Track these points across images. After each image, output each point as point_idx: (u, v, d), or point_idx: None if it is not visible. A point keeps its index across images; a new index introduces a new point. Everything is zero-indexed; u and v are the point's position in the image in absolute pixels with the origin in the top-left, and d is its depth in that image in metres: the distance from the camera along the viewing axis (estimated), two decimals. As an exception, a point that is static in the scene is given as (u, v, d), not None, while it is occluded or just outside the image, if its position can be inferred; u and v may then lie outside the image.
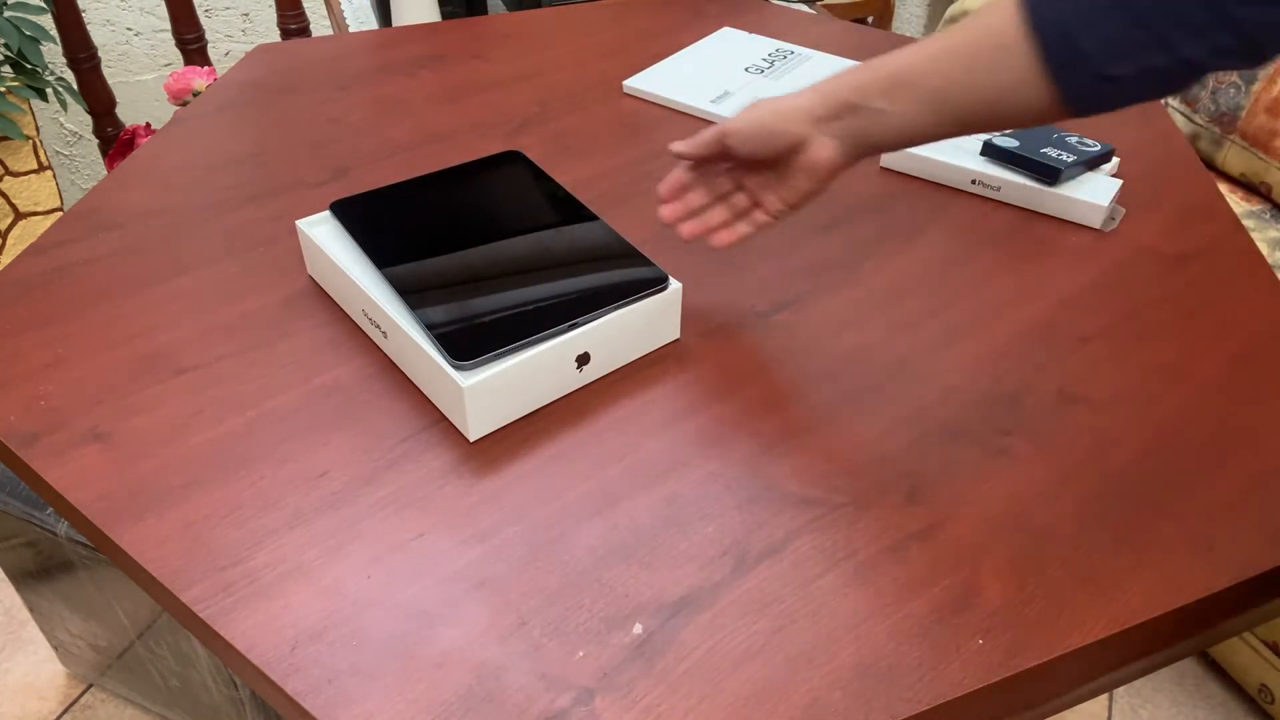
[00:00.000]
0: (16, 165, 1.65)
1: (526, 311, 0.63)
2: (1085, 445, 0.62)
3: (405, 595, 0.52)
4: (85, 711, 1.26)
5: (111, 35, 1.93)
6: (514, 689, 0.47)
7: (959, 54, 0.55)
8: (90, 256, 0.77)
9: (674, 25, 1.20)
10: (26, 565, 1.08)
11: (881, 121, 0.58)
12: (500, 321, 0.62)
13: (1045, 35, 0.49)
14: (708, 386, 0.66)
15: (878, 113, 0.58)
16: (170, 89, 1.52)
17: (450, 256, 0.68)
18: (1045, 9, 0.50)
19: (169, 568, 0.53)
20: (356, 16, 1.60)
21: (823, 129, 0.60)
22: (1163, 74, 0.47)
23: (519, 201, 0.74)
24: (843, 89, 0.59)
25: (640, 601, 0.52)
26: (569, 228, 0.71)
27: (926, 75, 0.56)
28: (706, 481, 0.59)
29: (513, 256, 0.68)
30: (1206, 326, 0.72)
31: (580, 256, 0.69)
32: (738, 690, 0.48)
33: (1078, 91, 0.50)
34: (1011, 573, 0.53)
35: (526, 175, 0.77)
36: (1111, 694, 1.34)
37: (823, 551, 0.54)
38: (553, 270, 0.67)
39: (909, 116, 0.57)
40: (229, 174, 0.88)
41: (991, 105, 0.54)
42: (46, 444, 0.60)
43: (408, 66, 1.09)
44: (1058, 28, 0.49)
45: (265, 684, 0.48)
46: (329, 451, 0.60)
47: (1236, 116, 1.54)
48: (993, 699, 0.49)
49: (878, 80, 0.58)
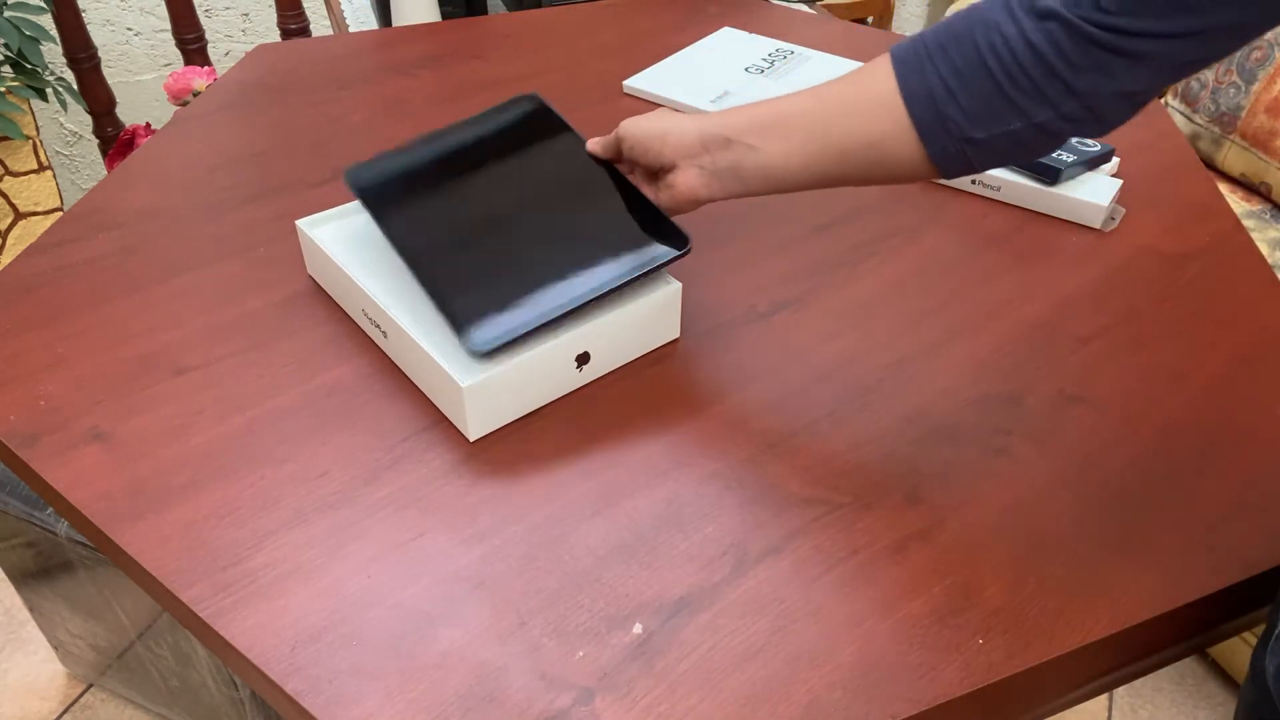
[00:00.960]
0: (16, 165, 1.65)
1: (544, 284, 0.63)
2: (1085, 445, 0.62)
3: (405, 595, 0.52)
4: (85, 711, 1.26)
5: (111, 35, 1.93)
6: (514, 689, 0.47)
7: (834, 100, 0.56)
8: (90, 256, 0.77)
9: (674, 25, 1.20)
10: (26, 565, 1.08)
11: (751, 159, 0.59)
12: (518, 297, 0.62)
13: (912, 101, 0.52)
14: (708, 386, 0.66)
15: (748, 149, 0.59)
16: (170, 89, 1.52)
17: (467, 223, 0.67)
18: (913, 79, 0.52)
19: (169, 568, 0.53)
20: (356, 16, 1.60)
21: (696, 159, 0.61)
22: (1018, 137, 0.50)
23: (536, 157, 0.72)
24: (721, 124, 0.60)
25: (640, 601, 0.52)
26: (585, 184, 0.69)
27: (800, 116, 0.57)
28: (706, 481, 0.59)
29: (531, 221, 0.67)
30: (1206, 326, 0.72)
31: (599, 221, 0.67)
32: (738, 690, 0.48)
33: (942, 151, 0.52)
34: (1011, 573, 0.53)
35: (543, 123, 0.74)
36: (1111, 694, 1.34)
37: (823, 551, 0.54)
38: (570, 239, 0.66)
39: (778, 156, 0.58)
40: (229, 174, 0.88)
41: (862, 153, 0.55)
42: (46, 444, 0.60)
43: (408, 66, 1.09)
44: (924, 94, 0.52)
45: (265, 684, 0.48)
46: (329, 451, 0.60)
47: (1236, 116, 1.54)
48: (993, 699, 0.49)
49: (753, 118, 0.59)
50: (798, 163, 0.58)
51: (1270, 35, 1.51)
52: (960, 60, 0.50)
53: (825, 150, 0.56)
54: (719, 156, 0.60)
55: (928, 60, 0.52)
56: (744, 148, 0.59)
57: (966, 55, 0.50)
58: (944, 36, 0.51)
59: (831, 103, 0.56)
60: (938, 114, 0.51)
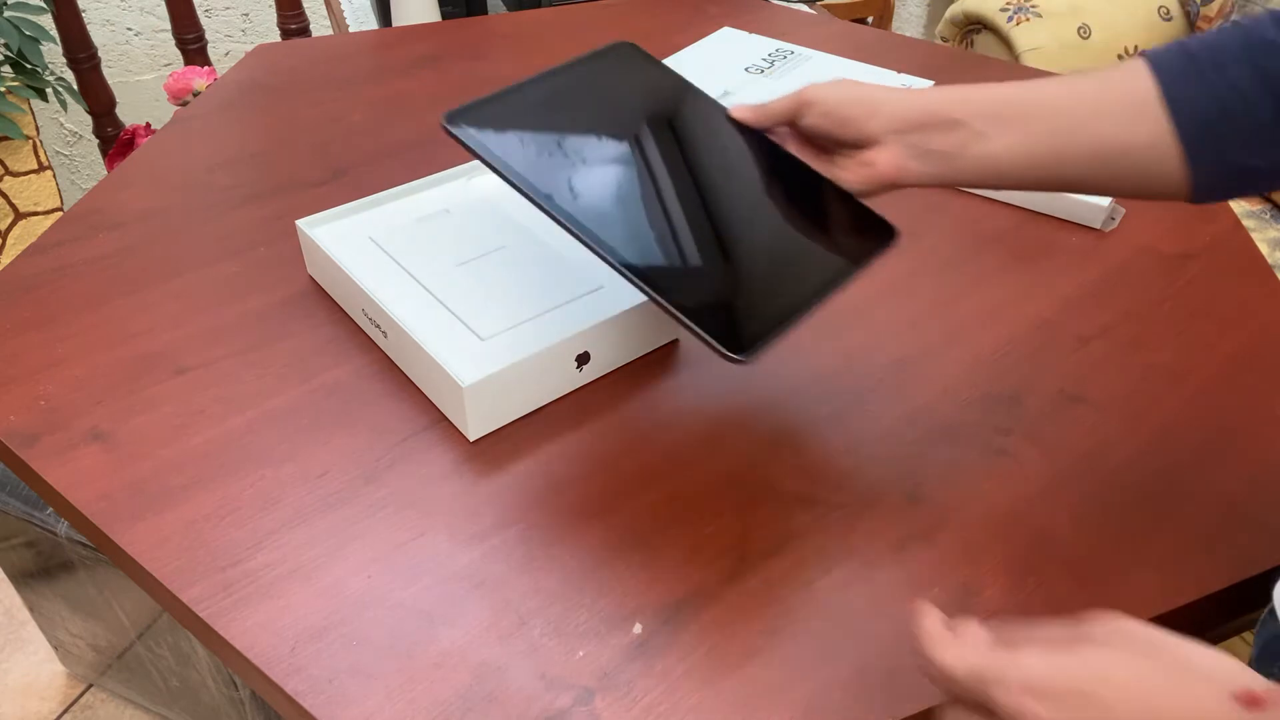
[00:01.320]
0: (16, 165, 1.65)
1: (778, 279, 0.54)
2: (1085, 445, 0.62)
3: (405, 595, 0.52)
4: (85, 711, 1.26)
5: (111, 35, 1.93)
6: (514, 689, 0.47)
7: (1086, 97, 0.51)
8: (90, 256, 0.77)
9: (674, 25, 1.20)
10: (26, 565, 1.08)
11: (978, 147, 0.52)
12: (756, 295, 0.54)
13: (1180, 115, 0.48)
14: (707, 386, 0.66)
15: (977, 136, 0.52)
16: (170, 89, 1.52)
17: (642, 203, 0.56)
18: (1182, 90, 0.48)
19: (169, 568, 0.53)
20: (356, 16, 1.60)
21: (907, 136, 0.54)
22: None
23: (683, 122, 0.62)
24: (946, 102, 0.53)
25: (640, 601, 0.52)
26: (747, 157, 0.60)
27: (1046, 107, 0.51)
28: (706, 481, 0.59)
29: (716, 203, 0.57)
30: (1206, 326, 0.72)
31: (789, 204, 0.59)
32: (738, 690, 0.48)
33: (1209, 173, 0.48)
34: (1011, 573, 0.53)
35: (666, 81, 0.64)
36: (1111, 694, 1.34)
37: (823, 551, 0.54)
38: (765, 224, 0.58)
39: (1012, 148, 0.52)
40: (229, 174, 0.88)
41: (1111, 160, 0.50)
42: (46, 444, 0.60)
43: (408, 66, 1.09)
44: (1195, 110, 0.47)
45: (265, 684, 0.48)
46: (329, 451, 0.60)
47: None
48: (993, 699, 0.49)
49: (989, 102, 0.53)
50: (1025, 159, 0.52)
51: (1270, 35, 1.51)
52: (1240, 80, 0.46)
53: (1065, 150, 0.51)
54: (937, 137, 0.53)
55: (1199, 76, 0.47)
56: (971, 133, 0.52)
57: (1245, 76, 0.46)
58: (1215, 52, 0.47)
59: (1084, 99, 0.51)
60: (1211, 133, 0.47)
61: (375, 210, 0.76)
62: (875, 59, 1.08)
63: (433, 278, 0.68)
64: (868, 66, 1.07)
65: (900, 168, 0.55)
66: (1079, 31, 1.70)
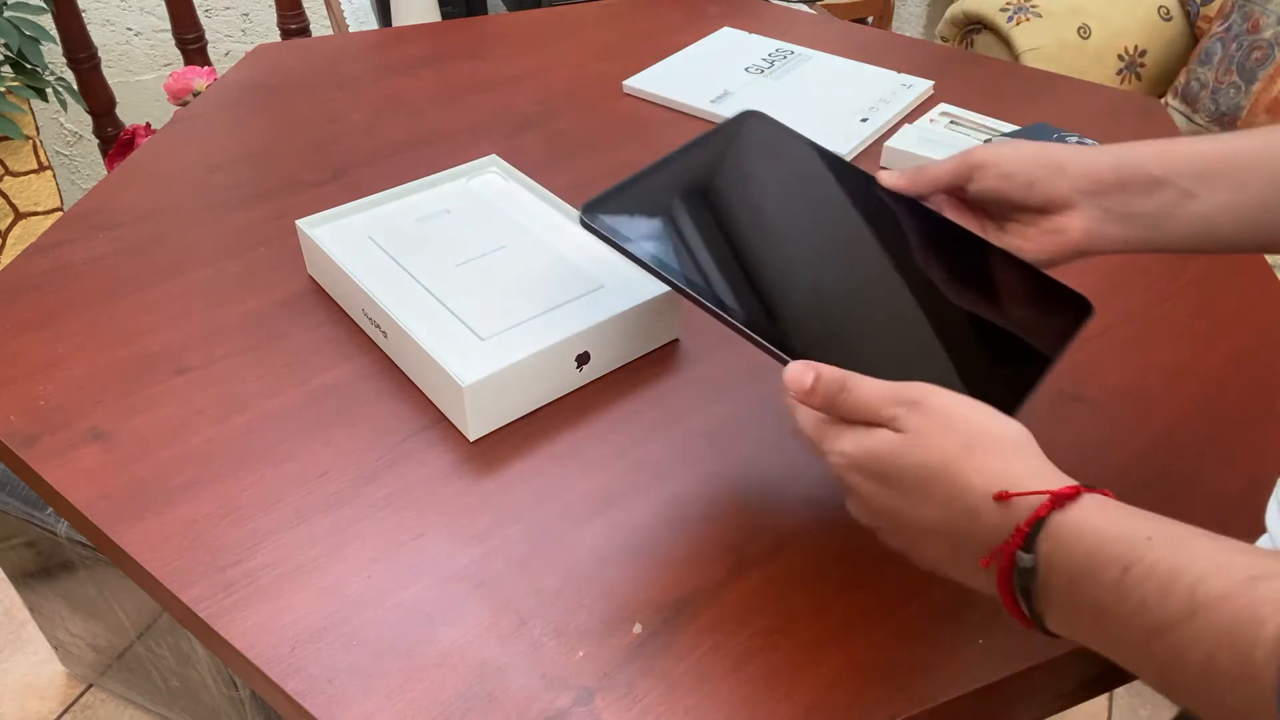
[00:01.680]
0: (16, 165, 1.65)
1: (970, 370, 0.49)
2: (1085, 445, 0.62)
3: (405, 595, 0.52)
4: (85, 711, 1.26)
5: (111, 35, 1.93)
6: (514, 689, 0.47)
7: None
8: (90, 256, 0.77)
9: (674, 25, 1.20)
10: (26, 565, 1.08)
11: (1187, 208, 0.48)
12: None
13: None
14: (708, 386, 0.66)
15: (1183, 196, 0.48)
16: (170, 89, 1.52)
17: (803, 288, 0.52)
18: None
19: (169, 568, 0.53)
20: (356, 16, 1.60)
21: (1103, 199, 0.49)
22: None
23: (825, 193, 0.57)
24: (1140, 158, 0.49)
25: (640, 601, 0.52)
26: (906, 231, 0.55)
27: (1260, 160, 0.47)
28: (706, 481, 0.59)
29: (887, 290, 0.53)
30: (1206, 326, 0.72)
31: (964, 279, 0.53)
32: (737, 690, 0.48)
33: None
34: (1011, 573, 0.53)
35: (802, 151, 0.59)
36: (1111, 694, 1.34)
37: (823, 551, 0.54)
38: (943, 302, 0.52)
39: (1221, 207, 0.47)
40: (229, 174, 0.88)
41: None
42: (46, 444, 0.60)
43: (408, 66, 1.09)
44: None
45: (265, 684, 0.48)
46: (329, 451, 0.60)
47: (1236, 116, 1.54)
48: (993, 699, 0.49)
49: (1190, 156, 0.48)
50: (1245, 219, 0.47)
51: (1269, 35, 1.51)
52: None
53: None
54: (1138, 199, 0.48)
55: None
56: (1178, 192, 0.48)
57: None
58: None
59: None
60: None
61: (375, 210, 0.76)
62: (875, 59, 1.09)
63: (433, 278, 0.68)
64: (868, 66, 1.07)
65: (1095, 233, 0.50)
66: (1079, 31, 1.70)
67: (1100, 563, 0.36)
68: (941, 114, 0.97)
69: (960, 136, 0.93)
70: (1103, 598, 0.36)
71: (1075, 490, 0.39)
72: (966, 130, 0.94)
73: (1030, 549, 0.38)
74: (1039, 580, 0.38)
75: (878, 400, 0.43)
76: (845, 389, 0.44)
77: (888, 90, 1.02)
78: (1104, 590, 0.36)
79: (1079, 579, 0.37)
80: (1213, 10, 1.74)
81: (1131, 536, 0.36)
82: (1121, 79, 1.74)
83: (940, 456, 0.41)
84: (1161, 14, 1.77)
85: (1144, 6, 1.76)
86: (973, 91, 1.04)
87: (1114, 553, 0.36)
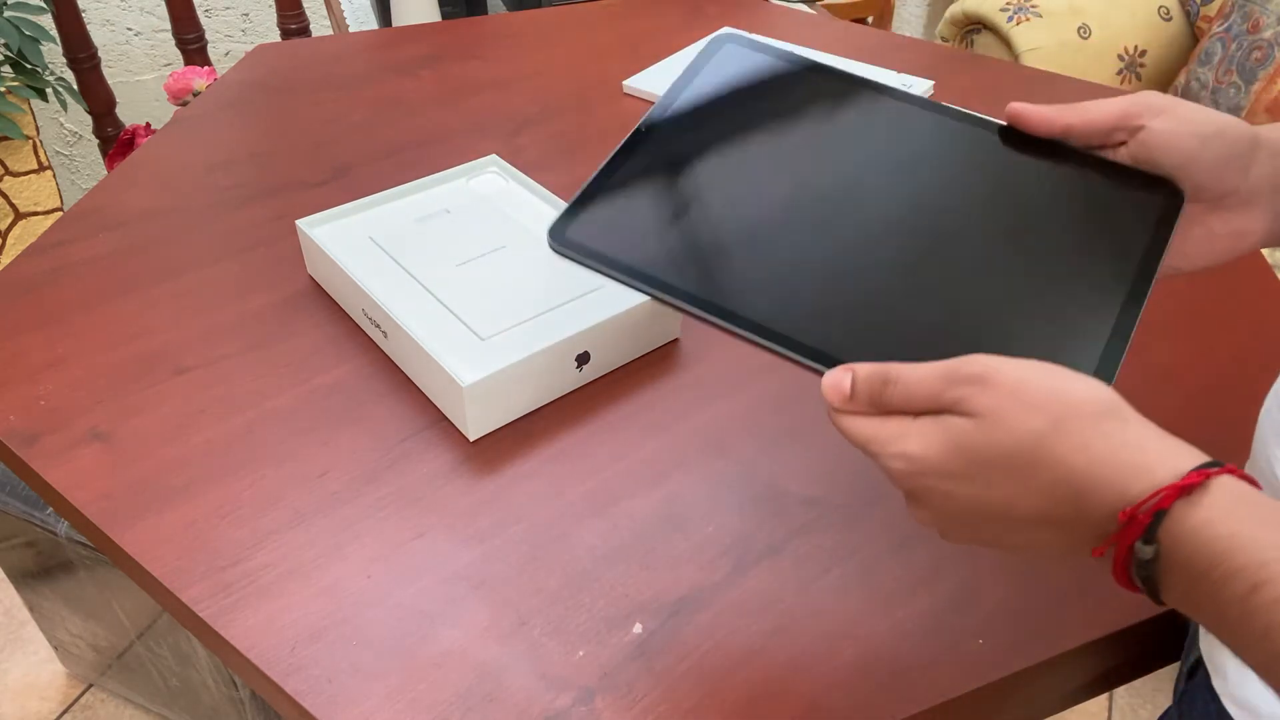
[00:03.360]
0: (16, 165, 1.65)
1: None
2: (1085, 445, 0.61)
3: (405, 595, 0.52)
4: (85, 711, 1.26)
5: (111, 35, 1.93)
6: (514, 689, 0.47)
7: None
8: (90, 256, 0.77)
9: (674, 25, 1.20)
10: (26, 565, 1.08)
11: None
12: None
13: None
14: (708, 386, 0.66)
15: None
16: (170, 89, 1.52)
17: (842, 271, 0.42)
18: None
19: (169, 568, 0.53)
20: (356, 16, 1.60)
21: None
22: None
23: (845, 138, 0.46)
24: None
25: (640, 601, 0.52)
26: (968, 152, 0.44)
27: None
28: (706, 481, 0.59)
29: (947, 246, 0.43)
30: (1206, 326, 0.72)
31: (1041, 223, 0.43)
32: (738, 690, 0.48)
33: None
34: (1011, 572, 0.53)
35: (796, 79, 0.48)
36: (1111, 694, 1.34)
37: (823, 551, 0.54)
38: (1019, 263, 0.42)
39: None
40: (229, 174, 0.88)
41: None
42: (46, 444, 0.60)
43: (408, 66, 1.09)
44: None
45: (265, 684, 0.48)
46: (329, 451, 0.60)
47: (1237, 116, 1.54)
48: (993, 699, 0.49)
49: None
50: None
51: (1270, 35, 1.51)
52: None
53: None
54: None
55: None
56: None
57: None
58: None
59: None
60: None
61: (375, 210, 0.76)
62: (875, 59, 1.09)
63: (433, 278, 0.68)
64: (868, 66, 1.07)
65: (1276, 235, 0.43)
66: (1079, 31, 1.70)
67: (1224, 574, 0.32)
68: (941, 114, 0.97)
69: (960, 136, 0.93)
70: (1226, 612, 0.32)
71: (1201, 478, 0.33)
72: (966, 130, 0.94)
73: (1151, 539, 0.33)
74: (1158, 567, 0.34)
75: (933, 385, 0.37)
76: (889, 382, 0.38)
77: (888, 90, 1.02)
78: (1227, 605, 0.32)
79: (1199, 582, 0.33)
80: (1213, 10, 1.74)
81: (1262, 544, 0.32)
82: (1121, 79, 1.74)
83: (1028, 437, 0.35)
84: (1161, 14, 1.77)
85: (1144, 6, 1.76)
86: (973, 91, 1.04)
87: (1240, 564, 0.32)
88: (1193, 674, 0.48)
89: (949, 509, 0.37)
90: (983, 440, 0.36)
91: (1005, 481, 0.36)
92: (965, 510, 0.37)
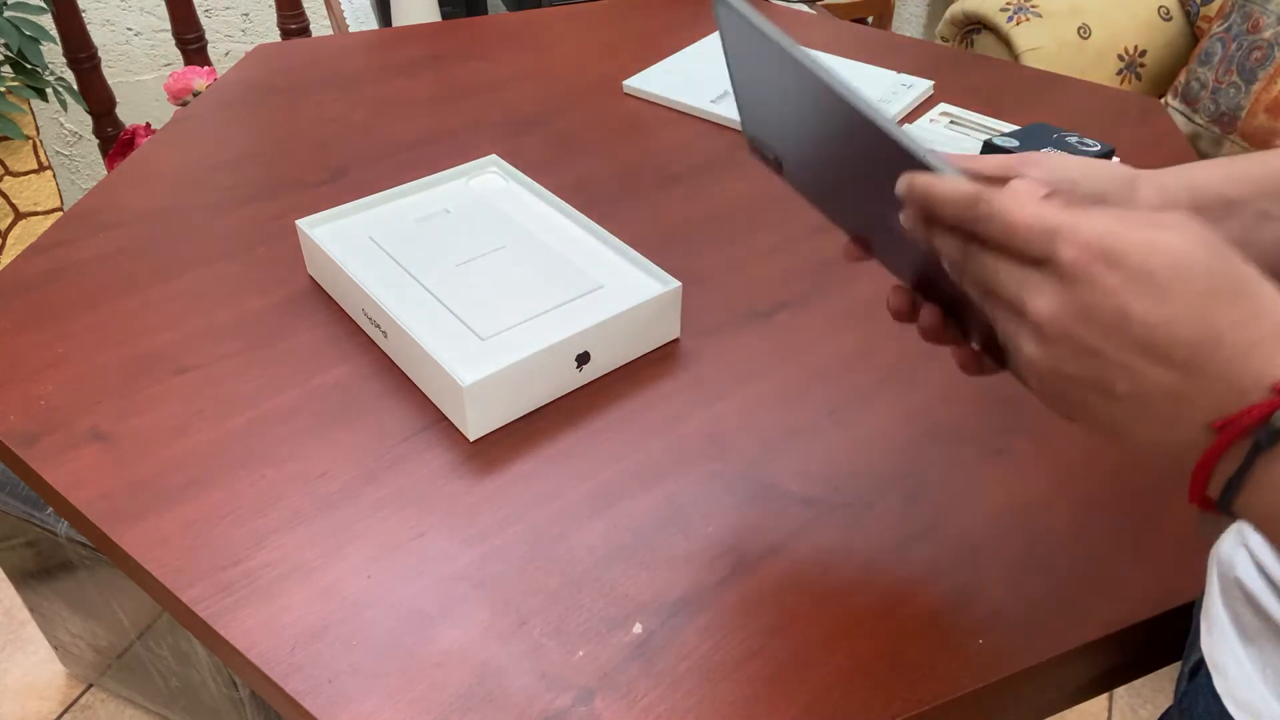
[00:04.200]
0: (16, 165, 1.65)
1: None
2: (1085, 445, 0.62)
3: (405, 595, 0.52)
4: (85, 711, 1.26)
5: (111, 35, 1.93)
6: (514, 689, 0.47)
7: None
8: (90, 256, 0.77)
9: (674, 25, 1.20)
10: (26, 565, 1.08)
11: (1264, 232, 0.43)
12: None
13: None
14: (708, 386, 0.66)
15: (1260, 217, 0.43)
16: (170, 89, 1.52)
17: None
18: None
19: (169, 568, 0.53)
20: (356, 16, 1.60)
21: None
22: None
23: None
24: (1213, 180, 0.44)
25: (640, 601, 0.52)
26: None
27: None
28: (706, 481, 0.59)
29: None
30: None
31: None
32: (738, 690, 0.48)
33: None
34: (1011, 572, 0.53)
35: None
36: (1111, 694, 1.34)
37: (823, 551, 0.54)
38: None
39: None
40: (229, 174, 0.88)
41: None
42: (46, 444, 0.60)
43: (408, 66, 1.09)
44: None
45: (265, 684, 0.48)
46: (329, 451, 0.60)
47: (1236, 116, 1.54)
48: (993, 699, 0.49)
49: (1267, 176, 0.43)
50: None
51: (1270, 35, 1.51)
52: None
53: None
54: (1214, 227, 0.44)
55: None
56: (1255, 214, 0.44)
57: None
58: None
59: None
60: None
61: (375, 210, 0.76)
62: (875, 59, 1.09)
63: (433, 278, 0.68)
64: (868, 66, 1.07)
65: None
66: (1079, 31, 1.70)
67: None
68: (941, 114, 0.97)
69: (960, 137, 0.93)
70: None
71: None
72: (966, 130, 0.94)
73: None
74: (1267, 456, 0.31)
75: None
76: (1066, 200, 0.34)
77: (887, 90, 1.02)
78: None
79: None
80: (1213, 10, 1.74)
81: None
82: (1121, 79, 1.74)
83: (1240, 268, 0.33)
84: (1161, 14, 1.77)
85: (1144, 7, 1.76)
86: (973, 91, 1.04)
87: None
88: (1194, 674, 0.48)
89: (1105, 322, 0.33)
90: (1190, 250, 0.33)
91: (1182, 297, 0.32)
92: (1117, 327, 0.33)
